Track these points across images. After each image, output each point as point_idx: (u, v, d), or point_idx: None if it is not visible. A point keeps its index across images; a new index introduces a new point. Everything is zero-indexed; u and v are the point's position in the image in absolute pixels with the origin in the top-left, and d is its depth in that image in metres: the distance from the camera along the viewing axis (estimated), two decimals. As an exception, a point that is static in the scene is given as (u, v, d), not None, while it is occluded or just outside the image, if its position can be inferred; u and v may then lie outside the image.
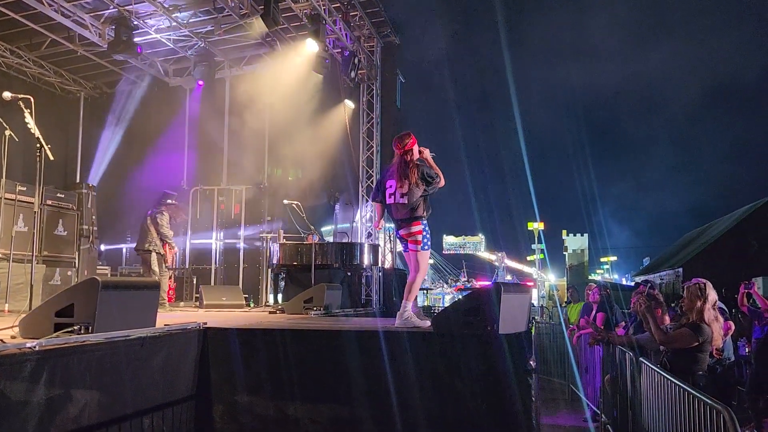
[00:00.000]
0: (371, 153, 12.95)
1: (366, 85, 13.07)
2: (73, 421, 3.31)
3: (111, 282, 3.94)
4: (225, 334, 4.90)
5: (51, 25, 11.19)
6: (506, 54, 47.76)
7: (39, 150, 5.14)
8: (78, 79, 14.18)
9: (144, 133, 13.97)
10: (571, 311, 10.21)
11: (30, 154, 8.20)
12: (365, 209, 12.88)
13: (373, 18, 12.48)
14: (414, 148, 5.43)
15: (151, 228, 8.67)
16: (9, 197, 8.41)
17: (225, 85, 13.71)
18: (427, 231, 5.44)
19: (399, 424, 4.40)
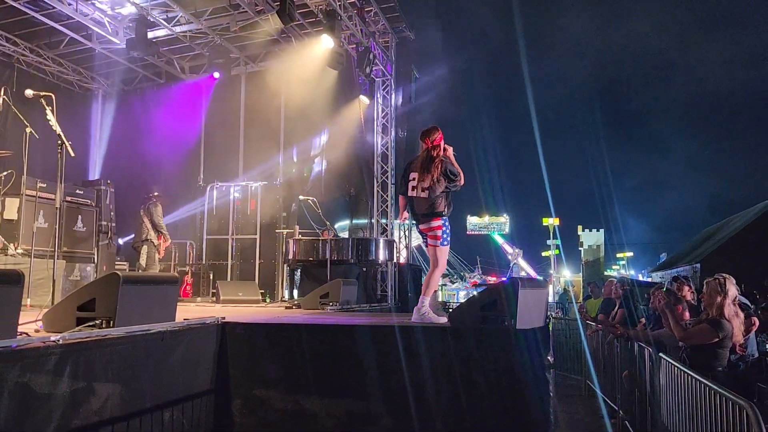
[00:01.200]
0: (386, 148, 12.95)
1: (381, 80, 13.06)
2: (95, 414, 3.36)
3: (131, 277, 3.99)
4: (243, 328, 4.93)
5: (70, 23, 11.31)
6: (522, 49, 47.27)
7: (60, 147, 5.20)
8: (96, 77, 14.32)
9: (161, 129, 14.08)
10: (591, 306, 10.17)
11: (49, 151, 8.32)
12: (380, 205, 12.88)
13: (387, 13, 12.47)
14: (441, 144, 5.44)
15: (145, 219, 8.77)
16: (30, 194, 8.53)
17: (240, 81, 13.77)
18: (447, 227, 5.44)
19: (416, 419, 4.41)
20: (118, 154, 14.40)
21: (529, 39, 45.91)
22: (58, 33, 11.88)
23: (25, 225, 8.53)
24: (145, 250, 8.69)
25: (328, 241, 10.39)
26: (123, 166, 14.15)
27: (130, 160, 14.09)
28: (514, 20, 36.46)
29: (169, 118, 14.16)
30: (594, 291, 10.90)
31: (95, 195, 10.40)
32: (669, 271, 29.46)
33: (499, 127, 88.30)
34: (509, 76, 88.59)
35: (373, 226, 12.83)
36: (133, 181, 13.86)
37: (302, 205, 11.08)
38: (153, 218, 8.68)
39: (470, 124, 54.85)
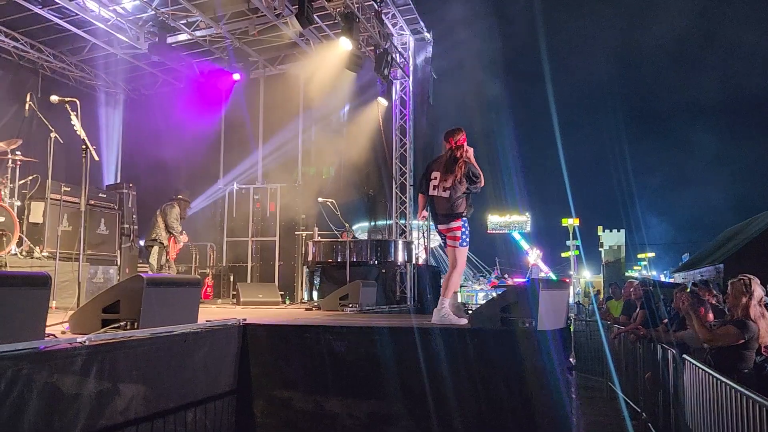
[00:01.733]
0: (404, 150, 12.95)
1: (399, 81, 13.07)
2: (121, 414, 3.40)
3: (155, 279, 4.04)
4: (264, 330, 4.97)
5: (92, 29, 11.48)
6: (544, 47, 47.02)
7: (84, 151, 5.28)
8: (118, 82, 14.51)
9: (182, 133, 14.24)
10: (613, 307, 10.09)
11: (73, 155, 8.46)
12: (398, 206, 12.88)
13: (405, 15, 12.47)
14: (464, 145, 5.43)
15: (159, 219, 8.78)
16: (54, 197, 8.68)
17: (259, 84, 13.87)
18: (467, 228, 5.42)
19: (436, 420, 4.41)
20: (139, 158, 14.59)
21: (550, 37, 45.58)
22: (81, 39, 12.07)
23: (49, 228, 8.68)
24: (155, 251, 8.74)
25: (347, 243, 10.42)
26: (144, 169, 14.34)
27: (151, 164, 14.27)
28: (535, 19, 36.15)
29: (190, 121, 14.30)
30: (615, 292, 10.81)
31: (118, 198, 10.56)
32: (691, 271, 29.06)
33: (518, 126, 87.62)
34: (530, 75, 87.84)
35: (392, 228, 12.83)
36: (154, 184, 14.05)
37: (321, 207, 11.13)
38: (167, 219, 8.70)
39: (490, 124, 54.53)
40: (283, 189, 12.88)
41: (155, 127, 14.44)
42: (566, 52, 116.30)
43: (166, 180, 14.08)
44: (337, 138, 12.57)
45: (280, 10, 10.60)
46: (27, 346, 2.85)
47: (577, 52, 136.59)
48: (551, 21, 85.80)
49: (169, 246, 8.87)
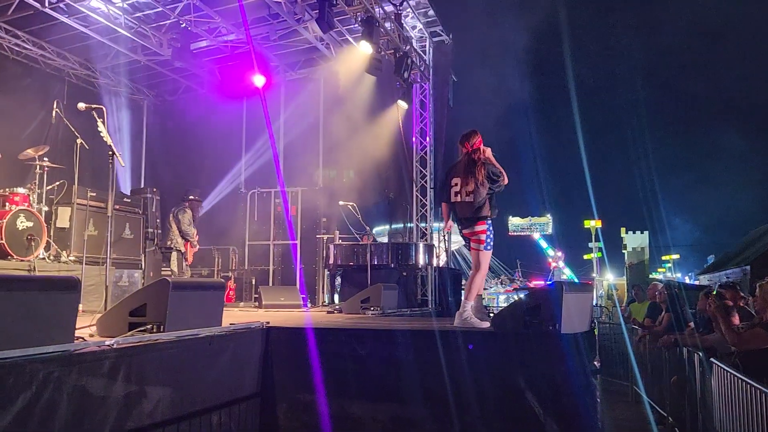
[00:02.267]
0: (425, 152, 12.95)
1: (419, 85, 13.08)
2: (148, 417, 3.45)
3: (180, 282, 4.09)
4: (287, 333, 5.01)
5: (116, 37, 11.67)
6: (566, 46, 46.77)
7: (111, 157, 5.36)
8: (142, 88, 14.72)
9: (204, 138, 14.39)
10: (635, 310, 9.97)
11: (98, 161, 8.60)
12: (419, 209, 12.88)
13: (424, 18, 12.48)
14: (481, 147, 5.43)
15: (173, 224, 8.73)
16: (81, 203, 8.83)
17: (280, 88, 13.96)
18: (491, 231, 5.39)
19: (459, 425, 4.40)
20: (162, 163, 14.78)
21: (571, 35, 45.05)
22: (106, 47, 12.26)
23: (76, 233, 8.83)
24: (174, 257, 8.75)
25: (367, 246, 10.44)
26: (167, 174, 14.52)
27: (174, 168, 14.45)
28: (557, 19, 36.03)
29: (211, 126, 14.46)
30: (638, 294, 10.68)
31: (142, 203, 10.70)
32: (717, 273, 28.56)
33: (540, 127, 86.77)
34: (552, 76, 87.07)
35: (413, 231, 12.83)
36: (177, 188, 14.23)
37: (341, 210, 11.17)
38: (180, 226, 8.65)
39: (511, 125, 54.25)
40: (304, 192, 12.94)
41: (178, 132, 14.63)
42: (589, 50, 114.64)
43: (189, 184, 14.25)
44: (357, 141, 12.60)
45: (301, 14, 10.67)
46: (57, 349, 2.91)
47: (600, 51, 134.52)
48: (573, 19, 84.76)
49: (186, 252, 8.89)
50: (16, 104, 11.87)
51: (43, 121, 11.90)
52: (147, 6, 10.78)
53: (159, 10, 10.86)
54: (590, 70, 61.32)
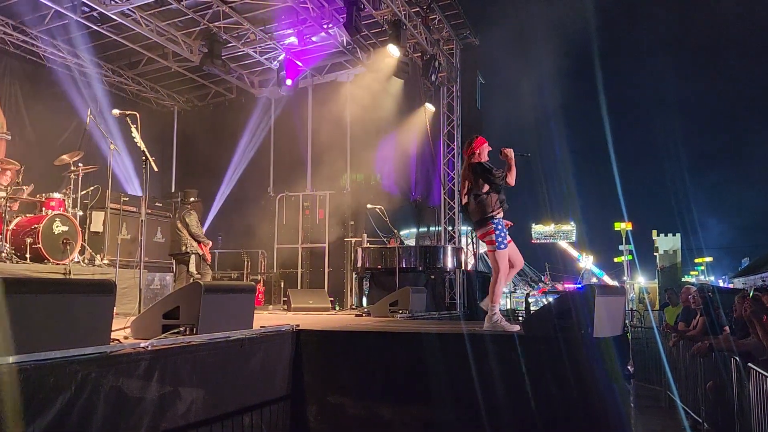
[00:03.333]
0: (452, 155, 12.91)
1: (446, 87, 13.05)
2: (182, 417, 3.50)
3: (212, 286, 4.15)
4: (317, 336, 5.03)
5: (148, 44, 11.90)
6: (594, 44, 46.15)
7: (144, 162, 5.45)
8: (172, 94, 14.97)
9: (233, 142, 14.59)
10: (670, 314, 9.79)
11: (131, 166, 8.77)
12: (447, 212, 12.84)
13: (452, 20, 12.46)
14: (478, 150, 5.48)
15: (182, 231, 8.70)
16: (114, 207, 9.00)
17: (307, 93, 14.07)
18: (500, 229, 5.33)
19: (489, 429, 4.36)
20: (192, 167, 15.02)
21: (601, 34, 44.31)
22: (137, 53, 12.51)
23: (110, 237, 9.01)
24: (192, 260, 8.70)
25: (395, 249, 10.43)
26: (197, 178, 14.74)
27: (203, 172, 14.66)
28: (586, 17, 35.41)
29: (240, 130, 14.65)
30: (671, 298, 10.49)
31: (173, 207, 10.88)
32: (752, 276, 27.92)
33: (568, 127, 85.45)
34: (580, 76, 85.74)
35: (440, 234, 12.80)
36: (206, 192, 14.45)
37: (368, 214, 11.19)
38: (190, 229, 8.59)
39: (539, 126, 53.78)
40: (332, 196, 13.01)
41: (207, 137, 14.85)
42: (618, 49, 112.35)
43: (219, 188, 14.45)
44: (384, 144, 12.63)
45: (329, 19, 10.75)
46: (95, 351, 2.97)
47: (630, 49, 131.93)
48: (603, 17, 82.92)
49: (204, 253, 8.91)
50: (52, 111, 12.18)
51: (77, 127, 12.19)
52: (178, 13, 10.96)
53: (189, 17, 11.03)
54: (619, 68, 59.92)
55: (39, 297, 2.83)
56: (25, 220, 7.45)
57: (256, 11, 11.01)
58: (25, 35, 11.30)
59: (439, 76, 12.22)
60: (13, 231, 7.26)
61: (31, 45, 11.59)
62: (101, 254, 8.60)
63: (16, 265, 6.80)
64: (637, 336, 11.43)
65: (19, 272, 6.56)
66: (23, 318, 2.73)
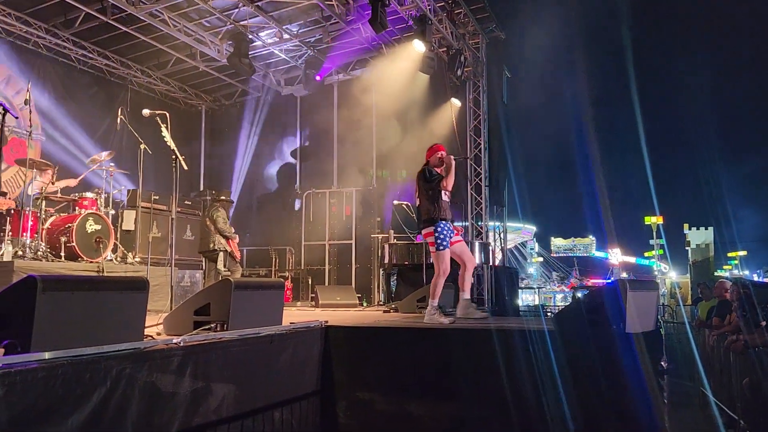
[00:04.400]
0: (479, 150, 12.82)
1: (472, 82, 12.96)
2: (213, 412, 3.55)
3: (242, 282, 4.18)
4: (345, 332, 5.05)
5: (176, 44, 12.05)
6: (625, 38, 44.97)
7: (174, 161, 5.52)
8: (200, 94, 15.14)
9: (259, 141, 14.73)
10: (702, 309, 9.61)
11: (161, 165, 8.90)
12: (474, 207, 12.77)
13: (477, 14, 12.35)
14: (431, 159, 6.11)
15: (210, 228, 8.81)
16: (145, 206, 9.15)
17: (333, 90, 14.11)
18: (440, 231, 5.77)
19: (519, 425, 4.34)
20: (220, 166, 15.20)
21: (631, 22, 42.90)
22: (165, 54, 12.68)
23: (141, 235, 9.17)
24: (221, 257, 8.82)
25: (423, 245, 10.40)
26: (225, 176, 14.92)
27: (231, 171, 14.83)
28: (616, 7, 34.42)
29: (267, 129, 14.78)
30: (704, 292, 10.30)
31: (202, 205, 11.01)
32: (789, 270, 27.20)
33: (597, 120, 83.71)
34: (610, 68, 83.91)
35: (468, 229, 12.73)
36: (235, 190, 14.62)
37: (395, 210, 11.17)
38: (217, 226, 8.72)
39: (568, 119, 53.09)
40: (359, 192, 13.03)
41: (234, 136, 15.01)
42: (649, 37, 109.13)
43: (247, 186, 14.60)
44: (410, 140, 12.59)
45: (353, 16, 10.75)
46: (129, 347, 3.02)
47: (660, 37, 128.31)
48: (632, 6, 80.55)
49: (232, 249, 9.00)
50: (84, 112, 12.43)
51: (108, 127, 12.42)
52: (205, 13, 11.08)
53: (216, 17, 11.14)
54: (651, 58, 58.13)
55: (75, 294, 2.89)
56: (59, 220, 7.62)
57: (281, 9, 11.07)
58: (57, 38, 11.52)
59: (465, 71, 12.14)
60: (48, 230, 7.43)
61: (63, 47, 11.82)
62: (133, 252, 8.76)
63: (52, 264, 6.96)
64: (668, 332, 11.25)
65: (54, 270, 6.70)
66: (60, 315, 2.79)
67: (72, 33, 11.56)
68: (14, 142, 10.26)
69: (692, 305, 13.85)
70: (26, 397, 2.44)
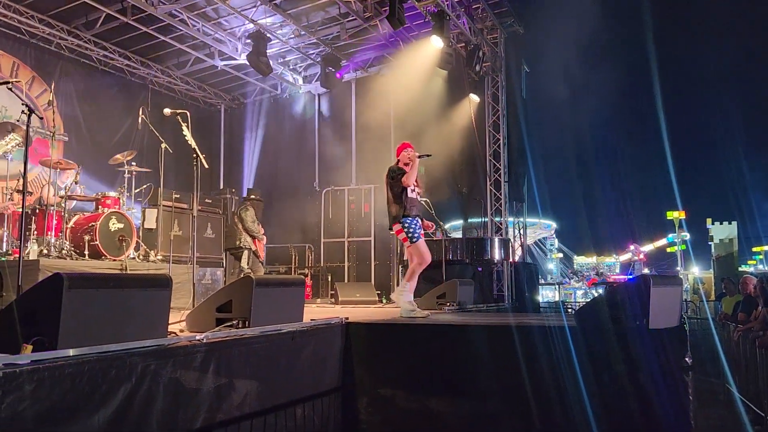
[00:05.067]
0: (498, 146, 12.75)
1: (490, 77, 12.89)
2: (237, 408, 3.57)
3: (263, 279, 4.21)
4: (366, 328, 5.05)
5: (194, 44, 12.15)
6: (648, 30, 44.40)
7: (195, 160, 5.56)
8: (218, 92, 15.25)
9: (278, 138, 14.80)
10: (726, 304, 9.48)
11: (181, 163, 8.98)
12: (493, 203, 12.71)
13: (495, 9, 12.28)
14: (401, 156, 6.27)
15: (238, 225, 8.92)
16: (167, 204, 9.24)
17: (351, 87, 14.12)
18: (409, 224, 5.98)
19: (540, 421, 4.31)
20: (239, 164, 15.31)
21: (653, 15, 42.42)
22: (185, 53, 12.79)
23: (162, 233, 9.26)
24: (245, 255, 8.95)
25: (441, 242, 10.39)
26: (244, 174, 15.02)
27: (250, 169, 14.93)
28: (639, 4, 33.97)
29: (286, 126, 14.85)
30: (729, 288, 10.15)
31: (222, 203, 11.10)
32: (816, 265, 26.68)
33: (618, 114, 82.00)
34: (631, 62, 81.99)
35: (487, 225, 12.67)
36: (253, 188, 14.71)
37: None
38: (245, 224, 8.85)
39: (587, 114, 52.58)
40: (377, 189, 13.02)
41: (253, 134, 15.10)
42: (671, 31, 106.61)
43: (266, 183, 14.67)
44: (429, 136, 12.57)
45: (370, 13, 10.75)
46: (153, 344, 3.05)
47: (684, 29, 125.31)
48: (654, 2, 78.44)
49: (257, 248, 9.08)
50: (106, 112, 12.59)
51: (130, 127, 12.57)
52: (223, 12, 11.15)
53: (234, 15, 11.20)
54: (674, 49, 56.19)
55: (100, 292, 2.93)
56: (82, 218, 7.72)
57: (299, 7, 11.10)
58: (78, 39, 11.67)
59: (484, 66, 12.08)
60: (72, 229, 7.54)
61: (85, 48, 11.97)
62: (155, 250, 8.84)
63: (76, 262, 7.06)
64: (692, 327, 11.12)
65: (79, 268, 6.79)
66: (85, 312, 2.83)
67: (93, 34, 11.71)
68: (38, 142, 10.42)
69: (716, 301, 13.67)
70: (54, 393, 2.48)
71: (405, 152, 6.34)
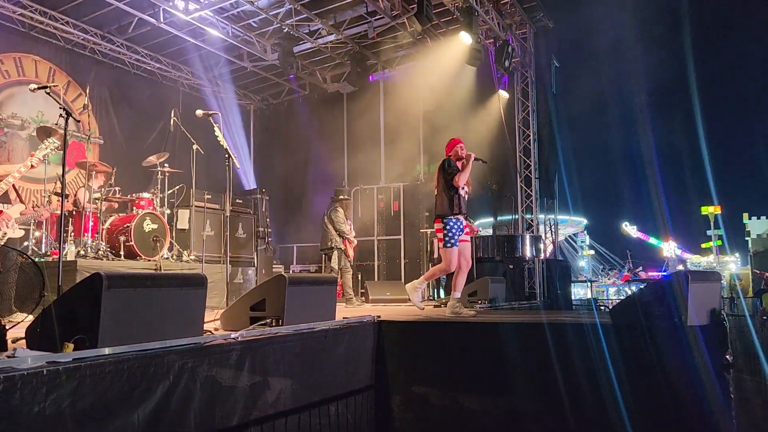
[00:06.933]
0: (528, 142, 12.62)
1: (520, 73, 12.76)
2: (271, 406, 3.61)
3: (296, 278, 4.23)
4: (398, 326, 5.06)
5: (224, 46, 12.28)
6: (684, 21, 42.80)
7: (227, 160, 5.63)
8: (248, 93, 15.40)
9: (308, 138, 14.88)
10: (767, 300, 9.25)
11: (212, 164, 9.10)
12: (524, 200, 12.59)
13: (524, 4, 12.14)
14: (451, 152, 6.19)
15: (328, 226, 9.11)
16: (198, 205, 9.37)
17: (379, 85, 14.13)
18: (449, 228, 5.87)
19: (576, 420, 4.26)
20: (269, 164, 15.43)
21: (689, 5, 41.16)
22: (214, 56, 12.93)
23: (195, 233, 9.40)
24: (335, 255, 9.14)
25: (472, 239, 10.32)
26: (274, 175, 15.14)
27: (281, 169, 15.05)
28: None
29: (315, 126, 14.92)
30: None
31: (253, 203, 11.21)
32: None
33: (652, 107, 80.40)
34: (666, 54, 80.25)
35: (518, 222, 12.56)
36: (284, 188, 14.83)
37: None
38: (336, 225, 9.08)
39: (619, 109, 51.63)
40: (406, 187, 13.01)
41: (283, 134, 15.22)
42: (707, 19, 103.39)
43: (296, 183, 14.78)
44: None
45: (398, 11, 10.74)
46: (190, 342, 3.10)
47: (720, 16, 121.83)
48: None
49: (346, 248, 9.25)
50: (139, 115, 12.81)
51: (162, 129, 12.77)
52: (252, 14, 11.24)
53: (263, 17, 11.29)
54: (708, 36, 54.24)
55: (137, 291, 2.98)
56: (118, 220, 7.88)
57: (326, 6, 11.14)
58: (112, 44, 11.90)
59: (513, 62, 11.96)
60: (108, 230, 7.70)
61: (118, 53, 12.20)
62: (188, 250, 8.98)
63: (112, 262, 7.20)
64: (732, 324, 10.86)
65: (115, 269, 6.93)
66: (124, 311, 2.88)
67: (126, 38, 11.92)
68: (74, 145, 10.66)
69: (753, 297, 13.32)
70: (95, 390, 2.54)
71: (457, 147, 6.32)
